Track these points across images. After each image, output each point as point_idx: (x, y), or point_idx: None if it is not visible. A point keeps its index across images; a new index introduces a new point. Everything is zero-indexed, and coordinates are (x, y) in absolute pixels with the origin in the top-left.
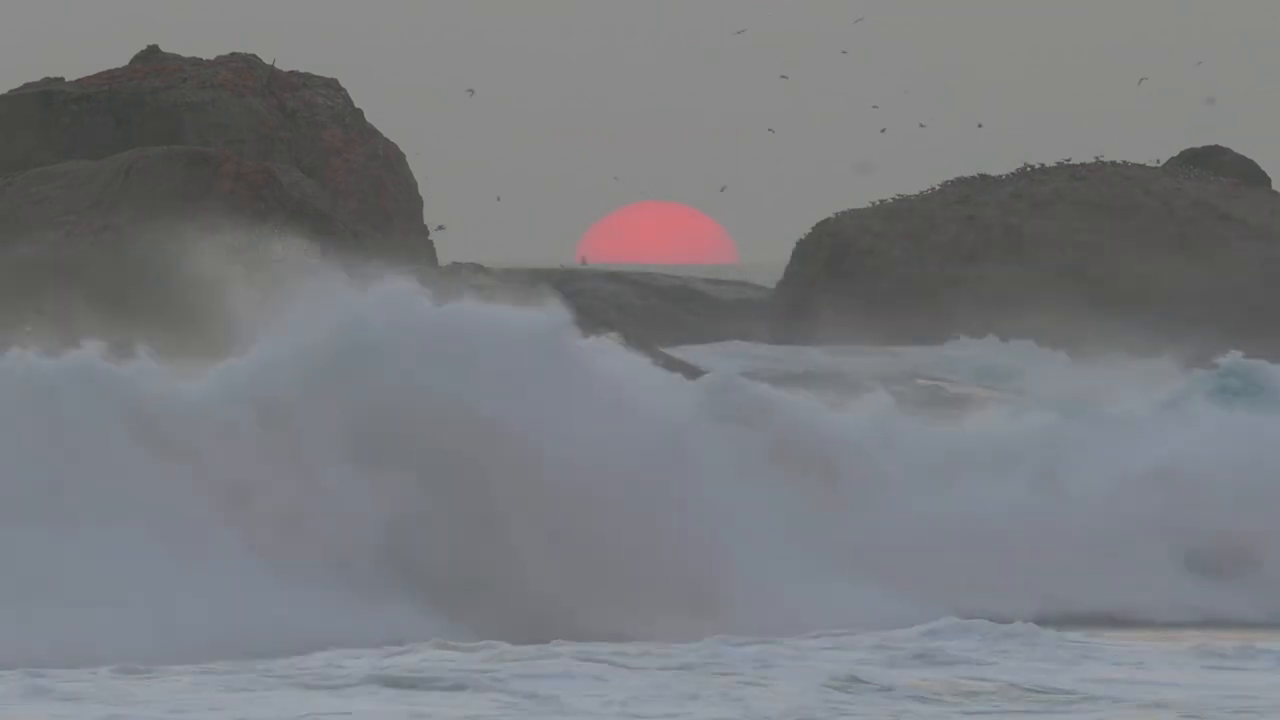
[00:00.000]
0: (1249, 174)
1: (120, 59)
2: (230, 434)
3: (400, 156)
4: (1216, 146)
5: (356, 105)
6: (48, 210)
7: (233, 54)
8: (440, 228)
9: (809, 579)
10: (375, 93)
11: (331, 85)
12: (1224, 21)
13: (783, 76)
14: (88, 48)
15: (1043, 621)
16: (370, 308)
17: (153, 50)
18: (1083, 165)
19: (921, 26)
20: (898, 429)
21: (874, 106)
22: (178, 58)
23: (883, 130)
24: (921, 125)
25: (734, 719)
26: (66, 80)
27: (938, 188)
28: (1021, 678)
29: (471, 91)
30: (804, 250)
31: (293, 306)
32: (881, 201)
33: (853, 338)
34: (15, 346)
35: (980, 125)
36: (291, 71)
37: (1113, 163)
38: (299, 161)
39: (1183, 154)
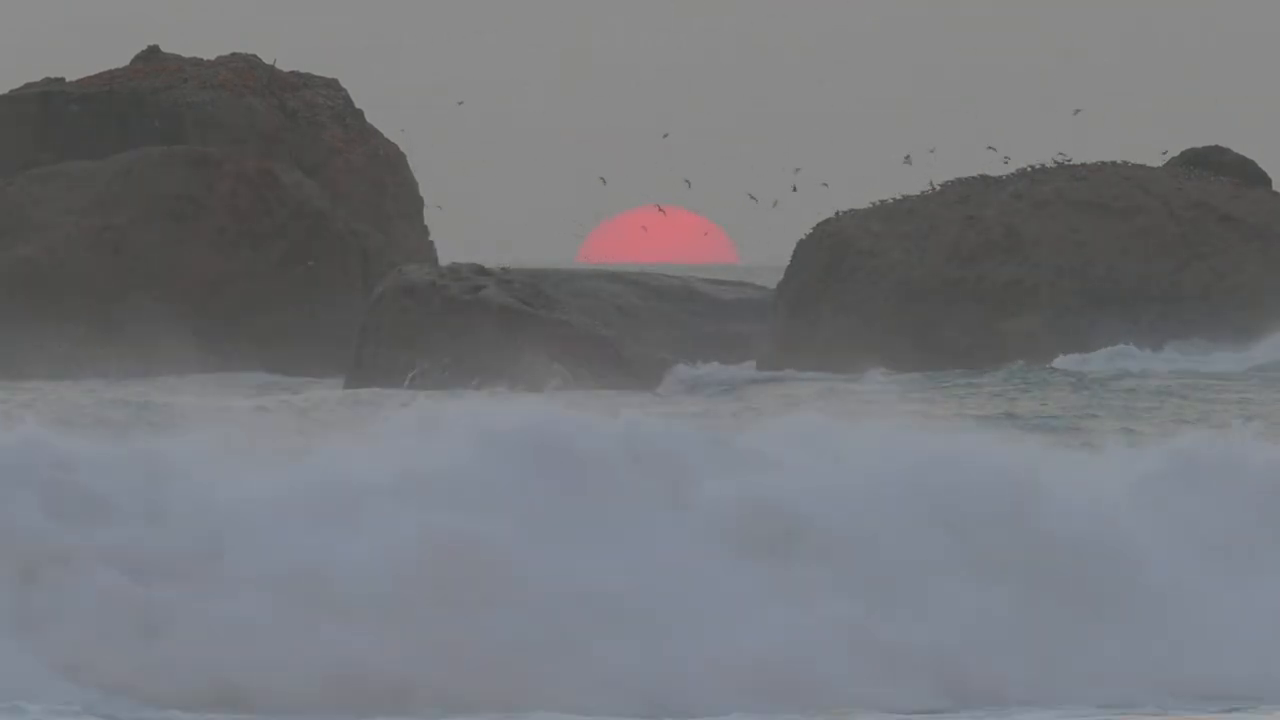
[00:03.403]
0: (1249, 174)
1: (120, 59)
2: None
3: (400, 156)
4: (1216, 147)
5: (357, 105)
6: (48, 210)
7: (233, 54)
8: (460, 103)
9: None
10: (375, 93)
11: (331, 85)
12: (1224, 22)
13: (820, 81)
14: (88, 48)
15: None
16: None
17: (153, 50)
18: (1083, 165)
19: (921, 27)
20: None
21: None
22: (178, 58)
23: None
24: (931, 151)
25: None
26: (67, 80)
27: (938, 188)
28: None
29: (461, 102)
30: (804, 250)
31: None
32: (881, 202)
33: (856, 338)
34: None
35: (992, 148)
36: (292, 71)
37: (1113, 163)
38: (299, 161)
39: (1183, 154)
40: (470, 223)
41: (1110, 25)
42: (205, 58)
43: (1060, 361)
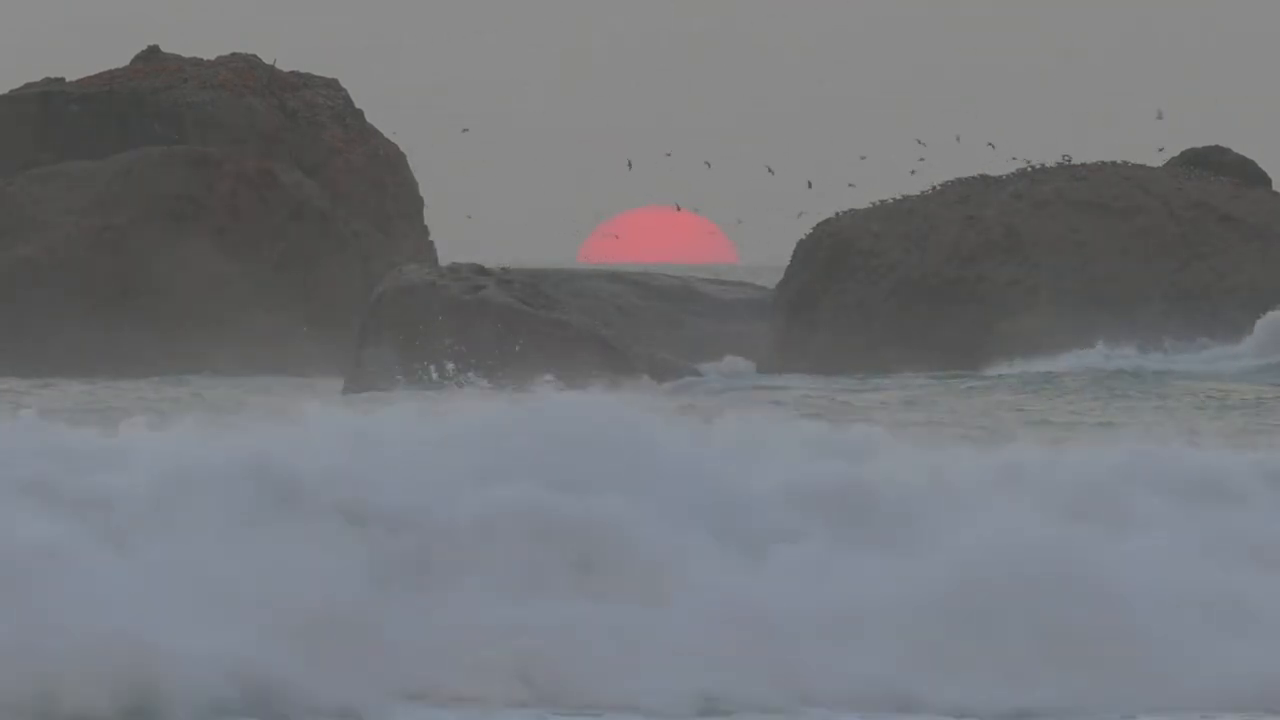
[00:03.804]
0: (1249, 174)
1: (120, 59)
2: None
3: (401, 156)
4: (1216, 146)
5: (356, 105)
6: (48, 210)
7: (233, 54)
8: (465, 129)
9: None
10: (375, 93)
11: (331, 85)
12: (1225, 22)
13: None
14: (88, 48)
15: None
16: None
17: (153, 50)
18: (1083, 165)
19: (921, 27)
20: None
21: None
22: (178, 58)
23: (914, 170)
24: (957, 138)
25: None
26: (66, 80)
27: (938, 187)
28: None
29: (466, 129)
30: (804, 250)
31: None
32: (882, 201)
33: (854, 338)
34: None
35: (991, 145)
36: (292, 71)
37: (1113, 163)
38: (299, 161)
39: (1183, 154)
40: (470, 223)
41: (1110, 25)
42: (205, 58)
43: (1060, 361)
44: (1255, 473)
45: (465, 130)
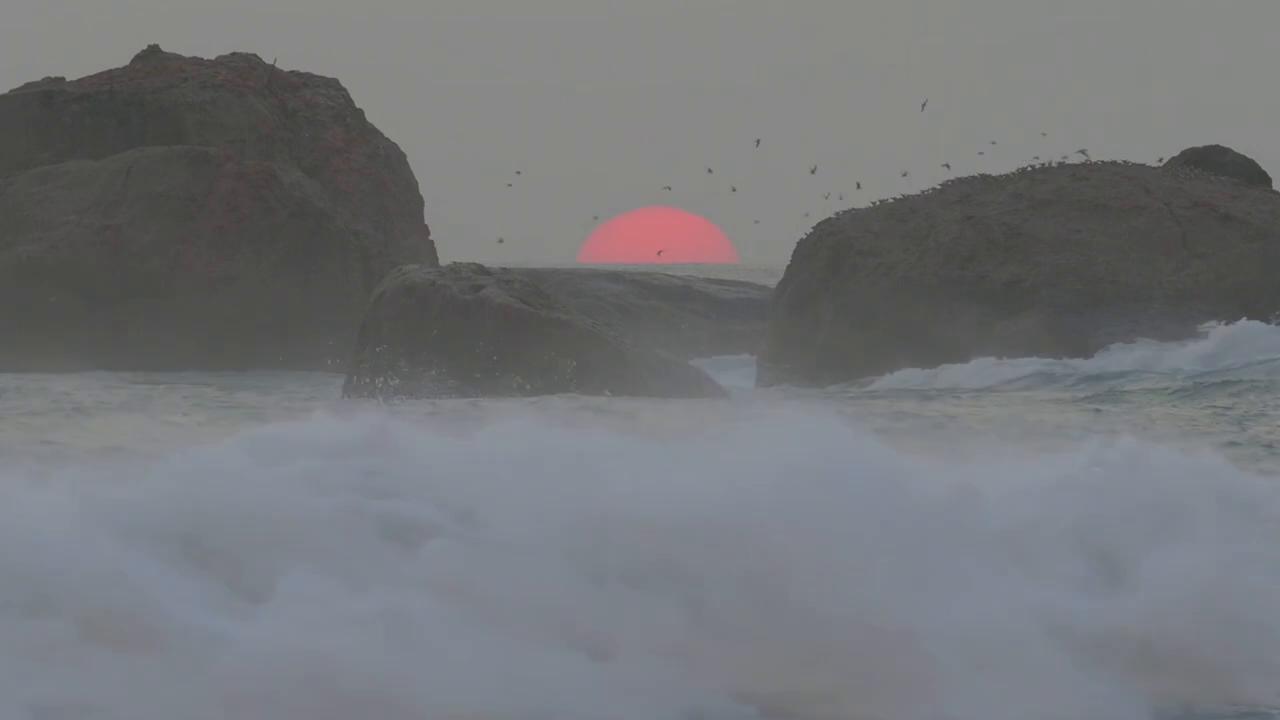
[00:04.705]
0: (1249, 174)
1: (121, 59)
2: None
3: (401, 156)
4: (1217, 146)
5: (357, 105)
6: (48, 210)
7: (233, 54)
8: (518, 171)
9: None
10: (375, 93)
11: (331, 85)
12: (1225, 22)
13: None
14: (88, 48)
15: None
16: None
17: (153, 50)
18: (1083, 165)
19: (925, 28)
20: None
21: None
22: (178, 58)
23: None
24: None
25: None
26: (67, 80)
27: (938, 187)
28: None
29: (519, 171)
30: (804, 250)
31: None
32: (882, 201)
33: (854, 337)
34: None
35: (991, 144)
36: (292, 71)
37: (1113, 163)
38: (300, 161)
39: (1183, 154)
40: (470, 223)
41: (1111, 25)
42: (205, 58)
43: (1060, 362)
44: None
45: (519, 172)
